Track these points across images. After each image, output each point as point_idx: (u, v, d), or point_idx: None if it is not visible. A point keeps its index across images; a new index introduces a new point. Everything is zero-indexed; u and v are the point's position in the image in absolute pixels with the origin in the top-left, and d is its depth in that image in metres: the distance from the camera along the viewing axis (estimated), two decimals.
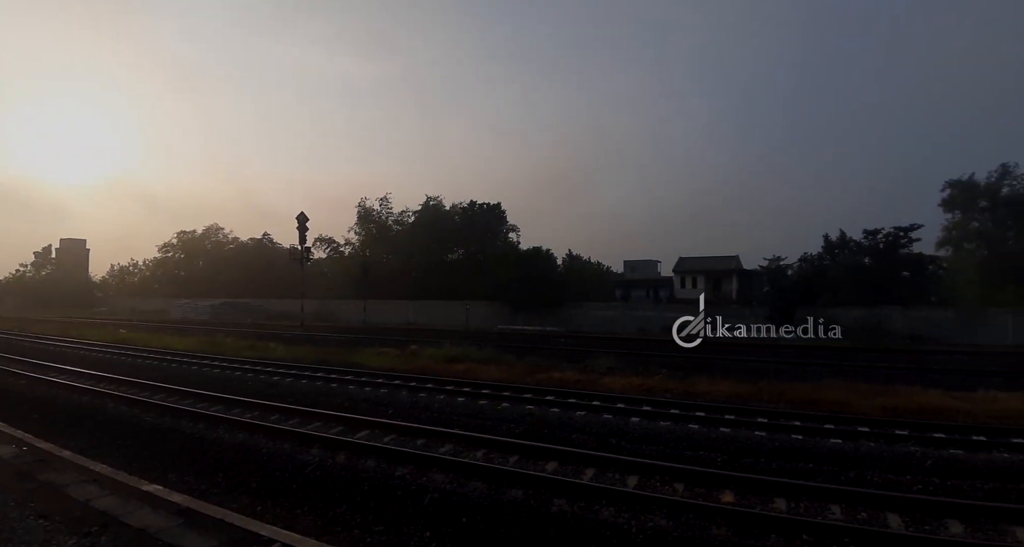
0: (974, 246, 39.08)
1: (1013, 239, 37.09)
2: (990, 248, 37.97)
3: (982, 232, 38.79)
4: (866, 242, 39.04)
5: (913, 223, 37.83)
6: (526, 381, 15.40)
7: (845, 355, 23.97)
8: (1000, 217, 37.99)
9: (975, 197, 39.02)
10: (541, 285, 43.02)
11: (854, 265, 38.47)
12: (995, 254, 37.23)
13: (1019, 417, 11.04)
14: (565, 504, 6.55)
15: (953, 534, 5.93)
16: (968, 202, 39.22)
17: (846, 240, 40.29)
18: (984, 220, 38.92)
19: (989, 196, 38.56)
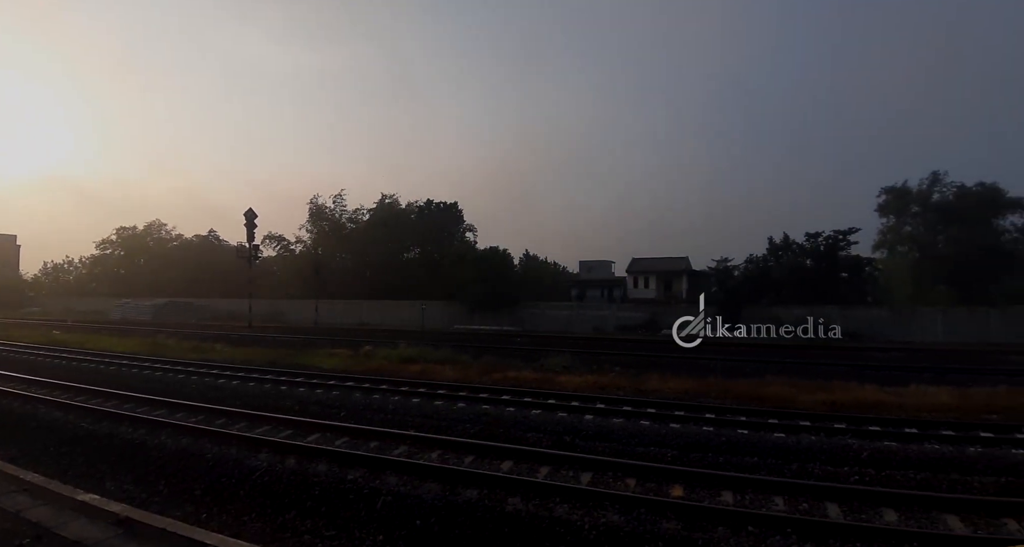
0: (907, 249, 41.50)
1: (942, 243, 39.55)
2: (921, 251, 40.39)
3: (914, 236, 41.23)
4: (807, 244, 40.94)
5: (851, 227, 39.99)
6: (482, 381, 15.40)
7: (787, 352, 24.97)
8: (930, 222, 40.45)
9: (908, 203, 41.43)
10: (498, 285, 43.14)
11: (796, 266, 40.24)
12: (926, 257, 39.64)
13: (948, 410, 11.77)
14: (520, 503, 6.59)
15: (888, 522, 6.26)
16: (901, 207, 41.61)
17: (789, 242, 42.12)
18: (916, 224, 41.36)
19: (921, 202, 41.03)
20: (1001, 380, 15.32)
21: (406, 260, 55.33)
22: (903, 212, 41.60)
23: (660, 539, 5.57)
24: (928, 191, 40.94)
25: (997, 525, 6.13)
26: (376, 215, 55.86)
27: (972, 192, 39.58)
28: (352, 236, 55.74)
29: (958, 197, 39.83)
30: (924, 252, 40.02)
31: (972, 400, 12.30)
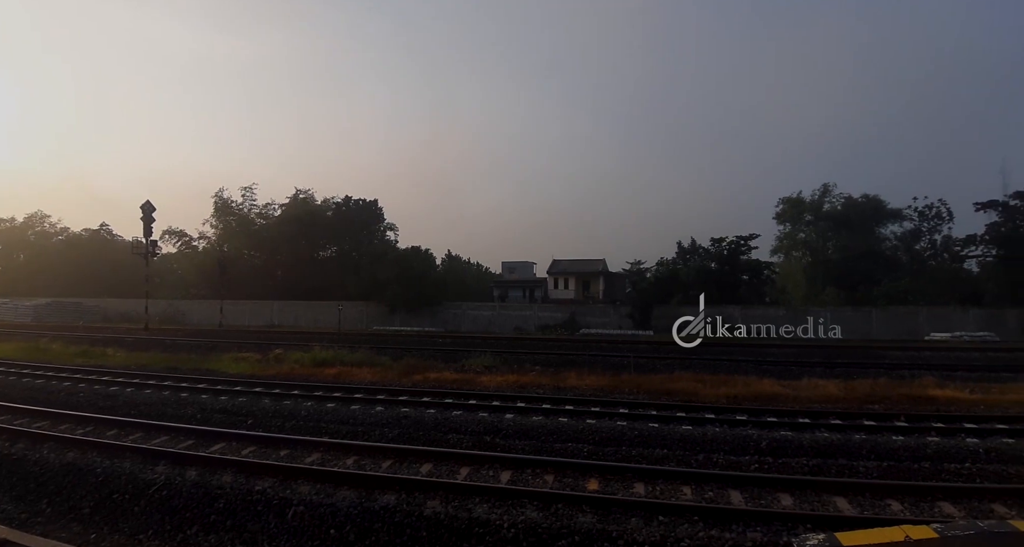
0: (800, 254, 45.46)
1: (832, 248, 43.57)
2: (813, 255, 44.35)
3: (807, 242, 45.23)
4: (713, 249, 43.67)
5: (752, 233, 43.08)
6: (402, 383, 15.14)
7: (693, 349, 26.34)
8: (821, 229, 44.49)
9: (802, 211, 45.39)
10: (419, 285, 42.49)
11: (702, 269, 42.75)
12: (817, 261, 43.59)
13: (836, 401, 12.89)
14: (439, 505, 6.52)
15: (784, 506, 6.75)
16: (796, 216, 45.56)
17: (696, 247, 44.79)
18: (809, 231, 45.39)
19: (813, 211, 45.08)
20: (882, 373, 17.06)
21: (321, 259, 53.23)
22: (798, 220, 45.57)
23: (576, 533, 5.70)
24: (820, 201, 45.16)
25: (881, 506, 6.77)
26: (289, 211, 53.07)
27: (858, 203, 44.06)
28: (262, 233, 52.77)
29: (846, 207, 44.15)
30: (816, 257, 43.97)
31: (857, 391, 13.55)
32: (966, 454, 8.67)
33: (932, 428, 10.34)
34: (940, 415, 11.35)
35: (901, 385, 14.26)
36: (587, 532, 5.69)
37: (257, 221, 54.18)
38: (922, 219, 43.01)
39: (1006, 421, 10.74)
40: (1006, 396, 13.08)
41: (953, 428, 10.34)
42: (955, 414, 11.42)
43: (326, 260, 52.95)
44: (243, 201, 53.89)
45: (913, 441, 9.41)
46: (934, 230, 43.04)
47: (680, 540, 5.50)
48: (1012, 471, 7.91)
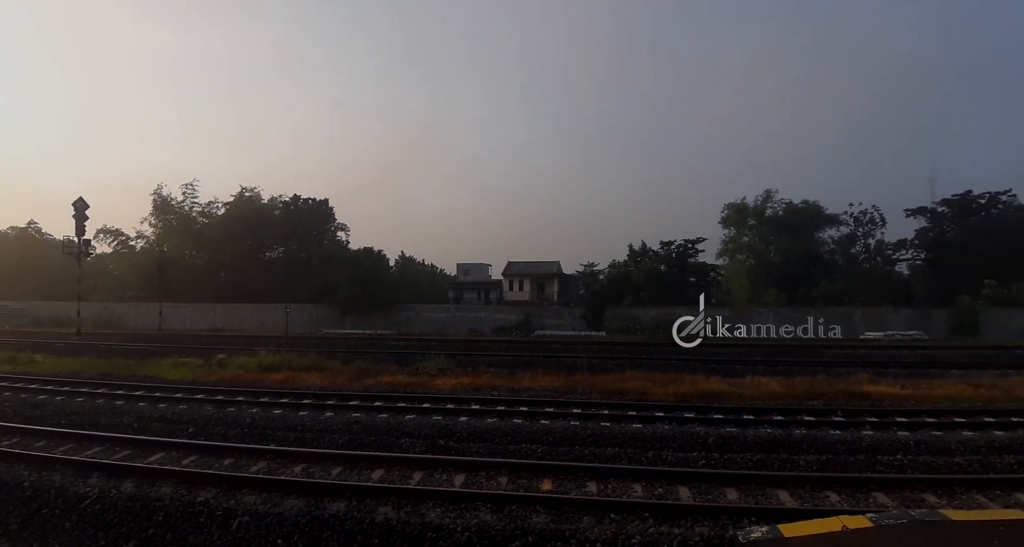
0: (744, 257, 47.26)
1: (774, 251, 45.49)
2: (756, 258, 46.19)
3: (750, 245, 47.09)
4: (662, 252, 44.90)
5: (699, 236, 44.65)
6: (353, 387, 14.83)
7: (644, 349, 26.95)
8: (764, 233, 46.43)
9: (746, 216, 47.25)
10: (372, 287, 41.76)
11: (652, 271, 43.90)
12: (760, 263, 45.45)
13: (778, 398, 13.41)
14: (391, 511, 6.41)
15: (730, 500, 6.96)
16: (740, 220, 47.40)
17: (646, 250, 45.91)
18: (752, 235, 47.26)
19: (756, 216, 46.97)
20: (820, 370, 17.87)
21: (268, 260, 51.62)
22: (742, 225, 47.45)
23: (530, 534, 5.71)
24: (763, 207, 47.18)
25: (820, 497, 7.05)
26: (233, 210, 51.11)
27: (798, 209, 46.26)
28: (204, 232, 50.67)
29: (787, 213, 46.24)
30: (759, 259, 45.85)
31: (797, 388, 14.12)
32: (898, 446, 9.16)
33: (866, 422, 10.91)
34: (874, 410, 11.97)
35: (838, 382, 14.96)
36: (540, 532, 5.70)
37: (199, 220, 52.01)
38: (857, 224, 45.54)
39: (934, 415, 11.43)
40: (934, 391, 13.91)
41: (886, 422, 10.92)
42: (888, 409, 12.06)
43: (273, 261, 51.38)
44: (184, 199, 51.68)
45: (849, 435, 9.89)
46: (868, 235, 45.65)
47: (631, 537, 5.58)
48: (940, 462, 8.40)
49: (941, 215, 44.39)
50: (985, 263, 38.49)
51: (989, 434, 9.99)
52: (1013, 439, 9.52)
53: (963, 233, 42.31)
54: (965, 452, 8.91)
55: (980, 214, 43.15)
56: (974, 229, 41.76)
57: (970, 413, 11.56)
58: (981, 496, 7.05)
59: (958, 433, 10.11)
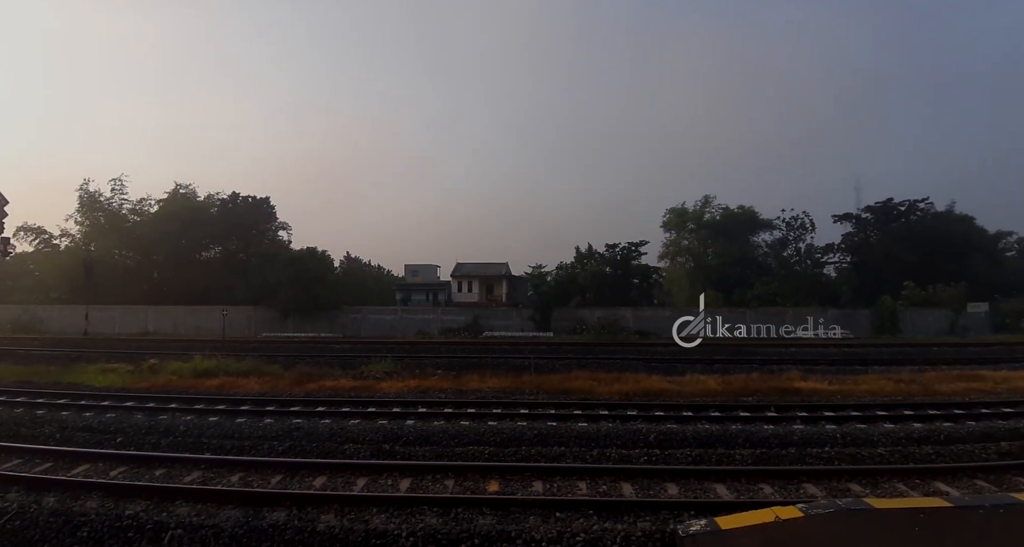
0: (684, 259, 48.95)
1: (711, 254, 47.34)
2: (695, 261, 48.00)
3: (689, 249, 48.88)
4: (607, 254, 45.84)
5: (642, 239, 45.87)
6: (294, 393, 14.37)
7: (589, 349, 27.44)
8: (702, 237, 48.29)
9: (686, 220, 49.02)
10: (315, 288, 40.48)
11: (598, 273, 44.74)
12: (699, 266, 47.24)
13: (716, 394, 13.93)
14: (334, 519, 6.25)
15: (671, 495, 7.16)
16: (680, 224, 49.15)
17: (592, 252, 46.80)
18: (691, 239, 49.07)
19: (695, 220, 48.75)
20: (754, 367, 18.69)
21: (204, 260, 49.26)
22: (682, 228, 49.21)
23: (476, 536, 5.69)
24: (701, 211, 49.10)
25: (755, 490, 7.36)
26: (167, 207, 48.38)
27: (734, 213, 48.38)
28: (135, 231, 47.78)
29: (724, 217, 48.26)
30: (697, 262, 47.70)
31: (733, 385, 14.71)
32: (826, 439, 9.68)
33: (797, 417, 11.50)
34: (804, 405, 12.62)
35: (771, 378, 15.71)
36: (486, 534, 5.70)
37: (130, 218, 49.05)
38: (789, 229, 47.90)
39: (859, 409, 12.15)
40: (859, 386, 14.79)
41: (815, 416, 11.54)
42: (816, 403, 12.75)
43: (210, 261, 49.09)
44: (112, 195, 48.62)
45: (782, 429, 10.38)
46: (799, 239, 48.08)
47: (576, 535, 5.66)
48: (865, 453, 8.93)
49: (865, 221, 47.32)
50: (904, 266, 41.26)
51: (909, 426, 10.68)
52: (931, 431, 10.21)
53: (885, 238, 45.21)
54: (887, 444, 9.51)
55: (900, 221, 46.21)
56: (895, 234, 44.69)
57: (891, 406, 12.35)
58: (902, 485, 7.53)
59: (881, 426, 10.77)
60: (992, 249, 46.50)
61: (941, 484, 7.55)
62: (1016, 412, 11.71)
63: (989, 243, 46.49)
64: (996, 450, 9.03)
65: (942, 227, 43.92)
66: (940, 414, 11.60)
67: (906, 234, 44.05)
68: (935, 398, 13.35)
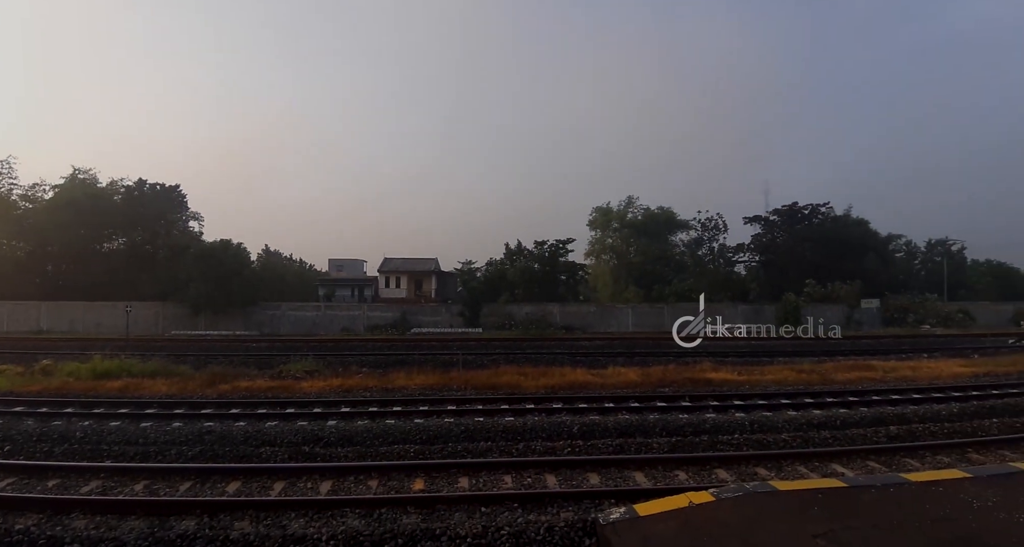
0: (608, 257, 50.59)
1: (633, 253, 49.17)
2: (618, 259, 49.70)
3: (613, 247, 50.57)
4: (536, 251, 46.53)
5: (569, 237, 46.99)
6: (206, 394, 13.60)
7: (517, 344, 27.74)
8: (625, 236, 50.08)
9: (610, 220, 50.62)
10: (230, 283, 38.38)
11: (527, 270, 45.35)
12: (622, 263, 48.96)
13: (635, 386, 14.48)
14: (248, 526, 5.97)
15: (593, 485, 7.36)
16: (605, 223, 50.78)
17: (521, 249, 47.37)
18: (615, 238, 50.74)
19: (619, 220, 50.43)
20: (671, 360, 19.58)
21: (106, 252, 45.50)
22: (606, 227, 50.79)
23: (400, 536, 5.61)
24: (625, 211, 50.97)
25: (671, 477, 7.71)
26: (63, 194, 44.20)
27: (655, 214, 50.57)
28: (27, 219, 43.40)
29: (645, 217, 50.30)
30: (620, 260, 49.51)
31: (652, 377, 15.36)
32: (735, 427, 10.28)
33: (710, 406, 12.17)
34: (715, 394, 13.38)
35: (685, 370, 16.50)
36: (411, 534, 5.63)
37: (20, 205, 44.47)
38: (704, 229, 50.71)
39: (765, 397, 13.01)
40: (765, 376, 15.82)
41: (725, 405, 12.25)
42: (727, 393, 13.54)
43: (113, 253, 45.38)
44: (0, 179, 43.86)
45: (695, 418, 10.91)
46: (712, 239, 51.00)
47: (500, 528, 5.71)
48: (770, 439, 9.55)
49: (772, 223, 50.69)
50: (807, 265, 44.62)
51: (809, 413, 11.52)
52: (828, 417, 11.05)
53: (790, 239, 48.64)
54: (790, 429, 10.20)
55: (804, 223, 49.84)
56: (798, 236, 48.17)
57: (794, 395, 13.28)
58: (803, 467, 8.13)
59: (784, 413, 11.55)
60: (883, 250, 51.22)
61: (838, 466, 8.21)
62: (903, 399, 12.91)
63: (881, 245, 51.18)
64: (886, 434, 9.91)
65: (840, 230, 47.82)
66: (837, 401, 12.60)
67: (809, 235, 47.57)
68: (832, 386, 14.50)
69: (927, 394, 13.43)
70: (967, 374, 16.43)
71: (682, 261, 50.78)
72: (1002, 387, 14.16)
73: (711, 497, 5.58)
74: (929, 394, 13.43)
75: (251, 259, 46.97)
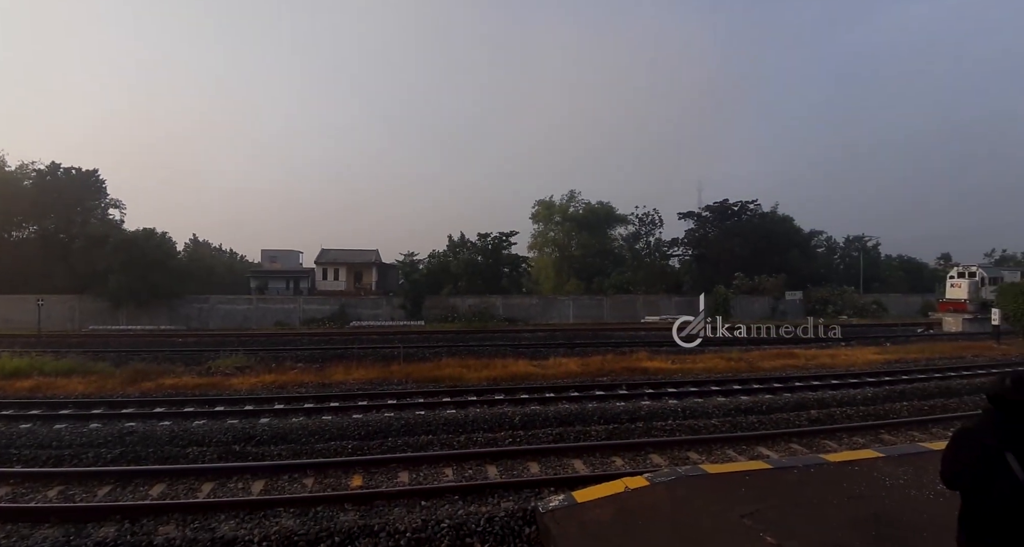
0: (550, 250, 51.21)
1: (575, 246, 50.00)
2: (560, 252, 50.41)
3: (555, 240, 51.20)
4: (479, 243, 46.49)
5: (512, 230, 47.14)
6: (127, 393, 12.85)
7: (460, 337, 27.67)
8: (567, 229, 50.85)
9: (553, 213, 51.24)
10: (153, 275, 36.10)
11: (470, 262, 45.25)
12: (563, 256, 49.75)
13: (575, 376, 14.79)
14: (174, 530, 5.69)
15: (533, 474, 7.48)
16: (548, 216, 51.31)
17: (465, 241, 47.21)
18: (557, 231, 51.43)
19: (561, 213, 51.16)
20: (609, 349, 20.06)
21: (15, 241, 41.78)
22: (549, 220, 51.38)
23: (337, 534, 5.48)
24: (567, 205, 51.73)
25: (608, 463, 7.92)
26: None
27: (595, 208, 51.50)
28: None
29: (586, 211, 51.21)
30: (562, 253, 50.21)
31: (591, 367, 15.70)
32: (669, 413, 10.67)
33: (645, 394, 12.59)
34: (650, 382, 13.84)
35: (623, 359, 16.98)
36: (348, 531, 5.52)
37: None
38: (641, 224, 52.17)
39: (696, 384, 13.58)
40: (696, 365, 16.49)
41: (660, 393, 12.70)
42: (661, 381, 14.03)
43: (22, 243, 41.73)
44: None
45: (631, 405, 11.29)
46: (649, 233, 52.56)
47: (441, 521, 5.70)
48: (701, 424, 9.99)
49: (705, 219, 52.71)
50: (736, 259, 46.66)
51: (737, 399, 12.12)
52: (755, 402, 11.68)
53: (720, 234, 50.72)
54: (719, 415, 10.70)
55: (734, 219, 52.03)
56: (729, 231, 50.26)
57: (723, 382, 13.95)
58: (732, 451, 8.56)
59: (714, 399, 12.10)
60: (806, 246, 54.23)
61: (764, 448, 8.68)
62: (823, 384, 13.80)
63: (804, 240, 54.14)
64: (807, 417, 10.56)
65: (767, 226, 50.26)
66: (763, 387, 13.32)
67: (738, 231, 49.74)
68: (758, 373, 15.29)
69: (844, 380, 14.39)
70: (880, 361, 17.67)
71: (621, 255, 52.10)
72: (911, 373, 15.34)
73: (646, 482, 5.78)
74: (846, 380, 14.40)
75: (177, 249, 44.38)
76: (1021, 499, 2.16)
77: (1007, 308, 23.41)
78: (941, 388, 13.09)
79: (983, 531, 2.28)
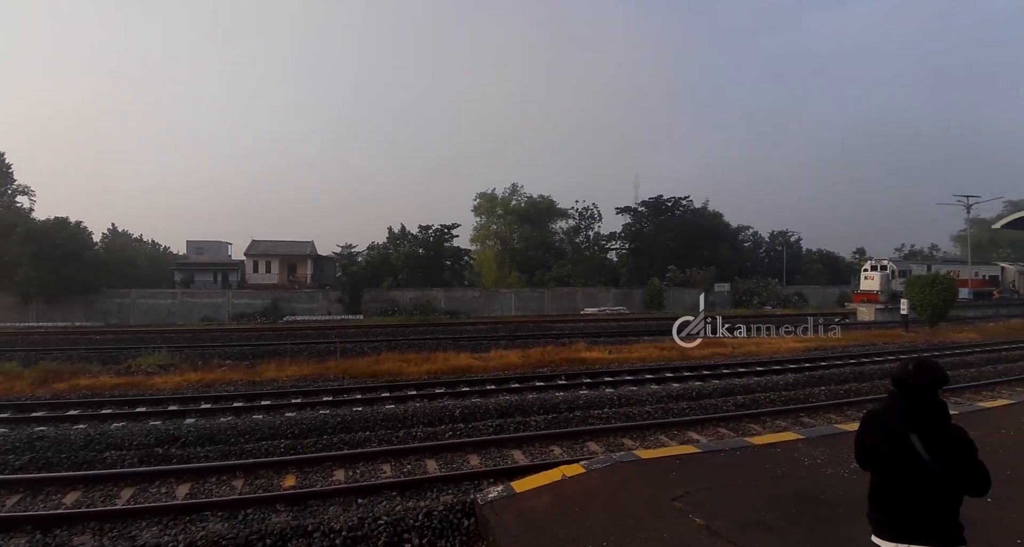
0: (493, 243, 51.32)
1: (517, 239, 50.32)
2: (503, 245, 50.63)
3: (498, 233, 51.36)
4: (420, 235, 45.94)
5: (454, 223, 46.96)
6: (37, 395, 11.93)
7: (401, 331, 27.31)
8: (509, 222, 51.10)
9: (495, 206, 51.27)
10: (67, 267, 33.52)
11: (411, 254, 44.65)
12: (505, 249, 49.98)
13: (516, 367, 14.91)
14: (90, 539, 5.35)
15: (472, 466, 7.48)
16: (490, 209, 51.36)
17: (405, 233, 46.54)
18: (500, 224, 51.55)
19: (504, 206, 51.30)
20: (550, 341, 20.36)
21: None
22: (491, 213, 51.46)
23: (268, 536, 5.29)
24: (509, 198, 51.94)
25: (547, 452, 8.05)
26: None
27: (537, 202, 52.04)
28: None
29: (528, 205, 51.63)
30: (504, 246, 50.47)
31: (531, 358, 15.88)
32: (605, 402, 10.96)
33: (583, 383, 12.88)
34: (588, 372, 14.15)
35: (562, 350, 17.28)
36: (280, 533, 5.33)
37: None
38: (581, 218, 53.16)
39: (631, 373, 13.97)
40: (632, 354, 16.99)
41: (597, 382, 13.02)
42: (599, 371, 14.35)
43: None
44: None
45: (570, 395, 11.51)
46: (588, 227, 53.60)
47: (378, 518, 5.61)
48: (635, 412, 10.30)
49: (640, 213, 54.29)
50: (669, 252, 48.39)
51: (669, 386, 12.56)
52: (685, 389, 12.15)
53: (655, 229, 52.41)
54: (652, 402, 11.09)
55: (668, 214, 53.86)
56: (663, 226, 52.01)
57: (656, 370, 14.42)
58: (664, 436, 8.88)
59: (648, 387, 12.49)
60: (734, 240, 56.85)
61: (693, 433, 9.06)
62: (748, 371, 14.52)
63: (732, 235, 56.75)
64: (734, 402, 11.09)
65: (699, 220, 52.34)
66: (693, 375, 13.86)
67: (671, 226, 51.55)
68: (689, 361, 15.90)
69: (768, 367, 15.19)
70: (801, 349, 18.81)
71: (561, 248, 52.86)
72: (828, 359, 16.39)
73: (582, 469, 5.91)
74: (770, 367, 15.20)
75: (94, 240, 41.32)
76: (924, 476, 2.34)
77: (914, 299, 25.32)
78: (855, 373, 14.07)
79: (891, 506, 2.45)
